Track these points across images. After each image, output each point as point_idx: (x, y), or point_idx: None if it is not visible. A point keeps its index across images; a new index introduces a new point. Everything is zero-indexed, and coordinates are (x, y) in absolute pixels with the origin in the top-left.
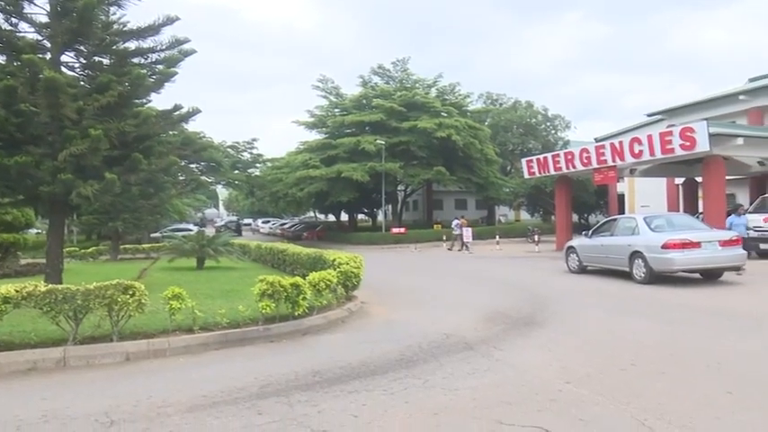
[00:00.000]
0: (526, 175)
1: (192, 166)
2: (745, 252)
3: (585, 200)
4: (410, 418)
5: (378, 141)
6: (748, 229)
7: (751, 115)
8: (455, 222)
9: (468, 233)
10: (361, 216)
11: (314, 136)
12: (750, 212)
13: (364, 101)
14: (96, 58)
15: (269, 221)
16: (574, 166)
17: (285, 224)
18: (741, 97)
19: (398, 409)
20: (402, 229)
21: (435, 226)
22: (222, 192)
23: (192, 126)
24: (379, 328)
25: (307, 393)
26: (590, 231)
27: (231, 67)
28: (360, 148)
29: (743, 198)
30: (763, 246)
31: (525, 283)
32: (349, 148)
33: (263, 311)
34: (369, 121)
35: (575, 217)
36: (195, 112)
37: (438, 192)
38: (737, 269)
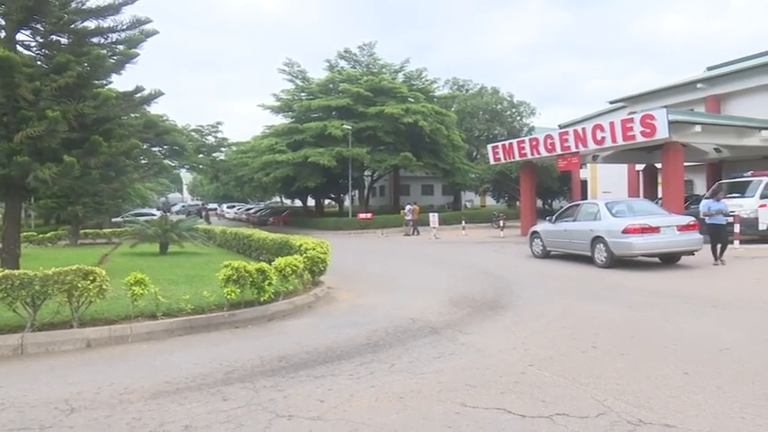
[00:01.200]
0: (492, 161)
1: (154, 149)
2: (701, 236)
3: (550, 185)
4: (376, 402)
5: (344, 126)
6: (726, 215)
7: (708, 103)
8: (408, 208)
9: (434, 218)
10: (327, 201)
11: (280, 120)
12: (705, 198)
13: (331, 85)
14: (54, 37)
15: (234, 206)
16: (538, 153)
17: (251, 209)
18: (699, 85)
19: (364, 394)
20: (369, 215)
21: (401, 211)
22: (186, 176)
23: (154, 109)
24: (345, 313)
25: (272, 379)
26: (554, 217)
27: (194, 48)
28: (326, 133)
29: (700, 184)
30: None
31: (490, 268)
32: (316, 133)
33: (229, 297)
34: (335, 106)
35: (539, 202)
36: (158, 94)
37: (405, 177)
38: (693, 253)
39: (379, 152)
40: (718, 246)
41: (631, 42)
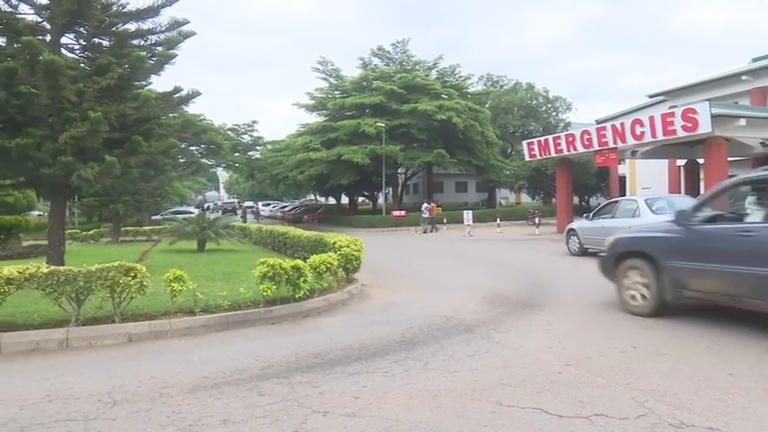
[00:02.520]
0: (527, 158)
1: (192, 148)
2: None
3: (586, 182)
4: (410, 400)
5: (378, 124)
6: None
7: (754, 95)
8: (424, 206)
9: (468, 216)
10: (361, 199)
11: (314, 118)
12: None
13: (364, 83)
14: (96, 40)
15: (269, 204)
16: (575, 149)
17: (286, 207)
18: (744, 77)
19: (399, 391)
20: (402, 212)
21: (436, 209)
22: (223, 174)
23: (191, 108)
24: (379, 310)
25: (308, 375)
26: (591, 214)
27: (228, 48)
28: (360, 131)
29: None
30: None
31: (525, 266)
32: (349, 131)
33: (264, 294)
34: (369, 104)
35: (575, 199)
36: (195, 94)
37: (438, 174)
38: None
39: (413, 149)
40: None
41: (669, 34)
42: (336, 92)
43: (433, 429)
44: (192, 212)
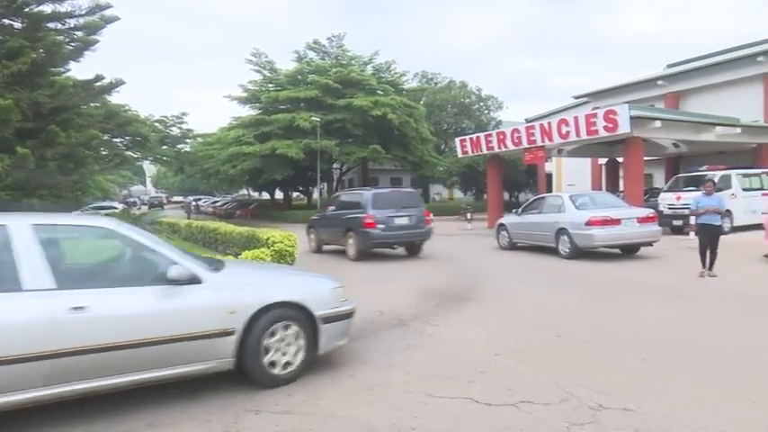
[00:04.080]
0: (459, 154)
1: (116, 140)
2: (659, 228)
3: (516, 178)
4: (346, 395)
5: (313, 118)
6: (720, 213)
7: (668, 99)
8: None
9: None
10: (296, 194)
11: (247, 111)
12: (664, 191)
13: (299, 76)
14: (6, 21)
15: (200, 199)
16: (505, 146)
17: (217, 202)
18: (659, 82)
19: (335, 387)
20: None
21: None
22: (150, 168)
23: (116, 98)
24: None
25: None
26: (520, 209)
27: (159, 36)
28: (295, 125)
29: (659, 178)
30: (675, 222)
31: (458, 260)
32: (284, 125)
33: None
34: (304, 98)
35: (506, 195)
36: (119, 83)
37: (374, 170)
38: (651, 244)
39: (348, 144)
40: (708, 252)
41: (597, 40)
42: (270, 85)
43: (367, 423)
44: (116, 208)
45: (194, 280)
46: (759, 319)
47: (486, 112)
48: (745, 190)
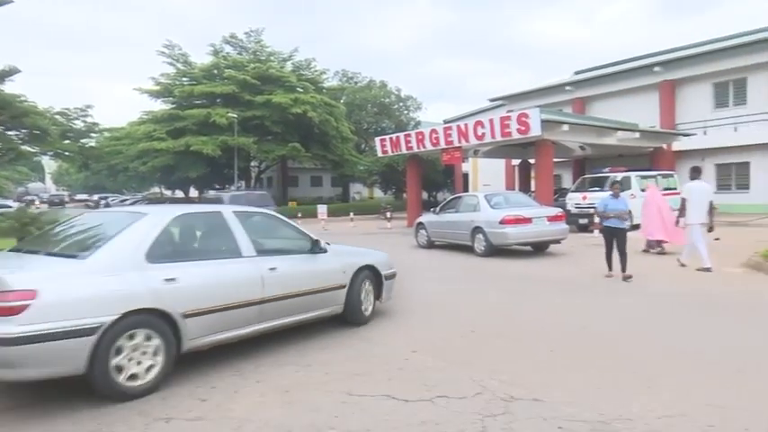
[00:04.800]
0: (379, 154)
1: (10, 133)
2: (567, 226)
3: (434, 178)
4: (261, 398)
5: (230, 114)
6: (623, 218)
7: (575, 104)
8: None
9: (322, 210)
10: (212, 192)
11: (159, 106)
12: (571, 191)
13: (215, 71)
14: None
15: (107, 197)
16: (424, 146)
17: (126, 200)
18: (567, 88)
19: (250, 390)
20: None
21: (291, 203)
22: (50, 164)
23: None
24: None
25: None
26: (437, 208)
27: (63, 23)
28: (210, 121)
29: (567, 179)
30: (581, 221)
31: None
32: (198, 121)
33: None
34: (220, 93)
35: (425, 194)
36: (13, 71)
37: (293, 168)
38: (560, 241)
39: (267, 142)
40: (614, 254)
41: (511, 45)
42: (184, 78)
43: (284, 425)
44: (10, 207)
45: (324, 250)
46: (654, 310)
47: (405, 112)
48: (642, 191)
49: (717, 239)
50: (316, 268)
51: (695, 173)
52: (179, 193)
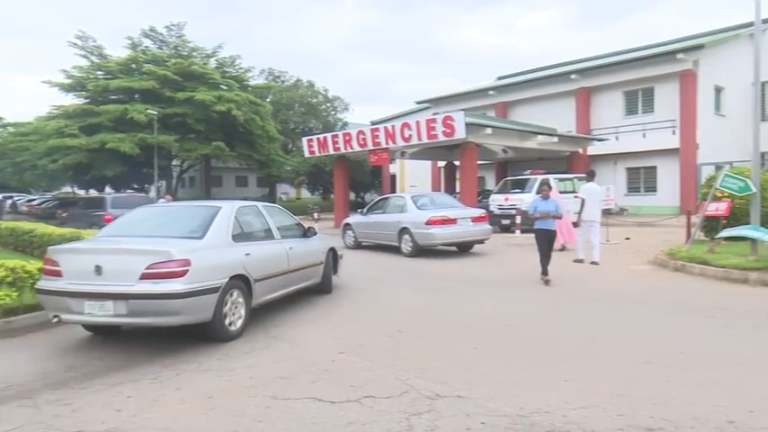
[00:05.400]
0: (307, 154)
1: None
2: (490, 227)
3: (362, 179)
4: (182, 405)
5: (149, 111)
6: (557, 217)
7: (498, 108)
8: (161, 201)
9: None
10: (130, 192)
11: (71, 100)
12: (494, 193)
13: (133, 65)
14: None
15: (12, 197)
16: (351, 147)
17: (33, 200)
18: (490, 92)
19: (169, 397)
20: None
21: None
22: None
23: None
24: None
25: (58, 392)
26: (365, 209)
27: None
28: (128, 118)
29: (490, 180)
30: (504, 221)
31: None
32: (115, 117)
33: (3, 302)
34: (139, 89)
35: (352, 195)
36: None
37: (217, 168)
38: (483, 241)
39: (189, 140)
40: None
41: (436, 49)
42: (99, 72)
43: (206, 431)
44: None
45: (315, 234)
46: (569, 307)
47: (333, 112)
48: (561, 192)
49: (627, 239)
50: (311, 248)
51: (590, 176)
52: (93, 194)
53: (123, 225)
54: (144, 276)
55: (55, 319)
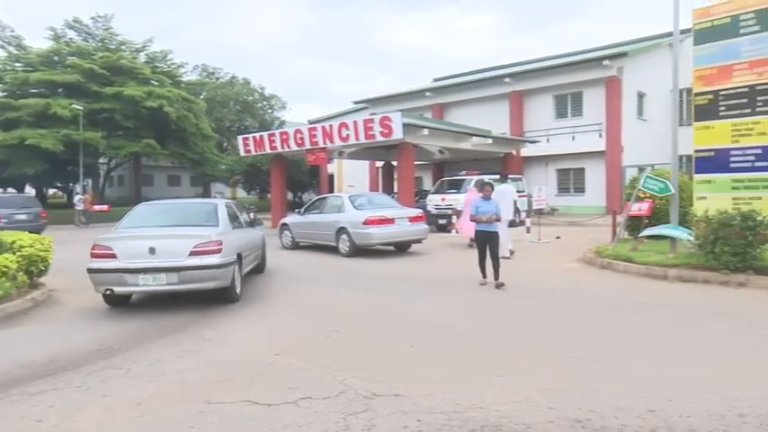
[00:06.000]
0: (242, 153)
1: None
2: (427, 227)
3: (300, 179)
4: (108, 413)
5: (74, 106)
6: (499, 219)
7: (434, 110)
8: (77, 198)
9: None
10: (53, 191)
11: None
12: (431, 193)
13: (56, 58)
14: None
15: None
16: (288, 146)
17: None
18: (427, 94)
19: (95, 405)
20: (105, 207)
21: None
22: None
23: None
24: (72, 318)
25: None
26: (302, 209)
27: None
28: (51, 113)
29: (427, 181)
30: (440, 221)
31: None
32: (36, 112)
33: None
34: (62, 82)
35: (289, 195)
36: None
37: (148, 166)
38: (421, 241)
39: (117, 137)
40: (488, 260)
41: (373, 49)
42: (18, 64)
43: None
44: None
45: (261, 224)
46: (502, 305)
47: (269, 111)
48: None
49: (558, 238)
50: (260, 234)
51: (504, 178)
52: (12, 192)
53: (137, 219)
54: (192, 253)
55: (107, 292)
